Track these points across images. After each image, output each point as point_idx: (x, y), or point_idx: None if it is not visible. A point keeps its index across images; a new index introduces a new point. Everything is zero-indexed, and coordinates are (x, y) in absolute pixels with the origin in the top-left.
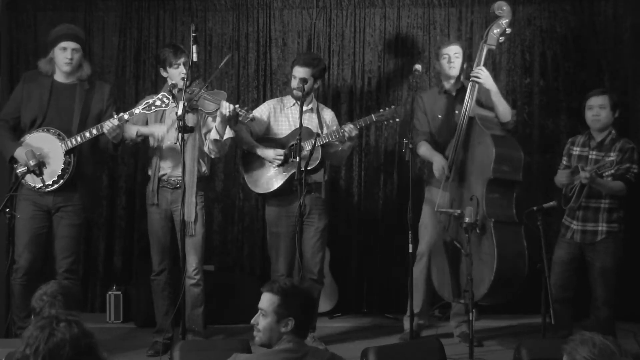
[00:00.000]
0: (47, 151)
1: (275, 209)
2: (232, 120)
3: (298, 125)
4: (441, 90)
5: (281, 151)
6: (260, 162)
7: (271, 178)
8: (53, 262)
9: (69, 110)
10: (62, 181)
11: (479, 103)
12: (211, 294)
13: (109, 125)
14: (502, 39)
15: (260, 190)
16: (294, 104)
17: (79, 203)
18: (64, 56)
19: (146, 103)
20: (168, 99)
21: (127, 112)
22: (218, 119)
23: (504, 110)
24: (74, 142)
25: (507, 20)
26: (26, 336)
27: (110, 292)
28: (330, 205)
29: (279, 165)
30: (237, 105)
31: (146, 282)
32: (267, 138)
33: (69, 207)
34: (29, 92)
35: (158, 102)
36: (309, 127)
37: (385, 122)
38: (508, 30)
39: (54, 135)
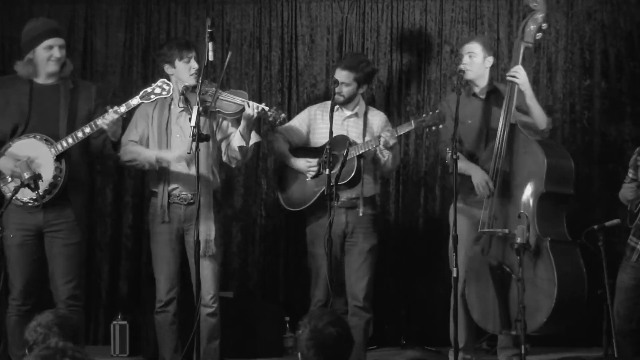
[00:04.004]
0: (34, 159)
1: (312, 228)
2: (257, 123)
3: (339, 134)
4: (469, 93)
5: (314, 161)
6: (294, 176)
7: (305, 193)
8: (51, 288)
9: (54, 113)
10: (55, 191)
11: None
12: (229, 323)
13: (106, 120)
14: (539, 35)
15: (294, 208)
16: (337, 109)
17: (72, 219)
18: (50, 55)
19: (144, 92)
20: (168, 85)
21: (124, 104)
22: (243, 122)
23: (539, 115)
24: (65, 145)
25: (542, 14)
26: None
27: (115, 322)
28: (380, 223)
29: (313, 177)
30: (263, 104)
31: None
32: (304, 148)
33: (62, 225)
34: (6, 99)
35: (157, 90)
36: (345, 134)
37: (427, 129)
38: (544, 26)
39: (41, 141)
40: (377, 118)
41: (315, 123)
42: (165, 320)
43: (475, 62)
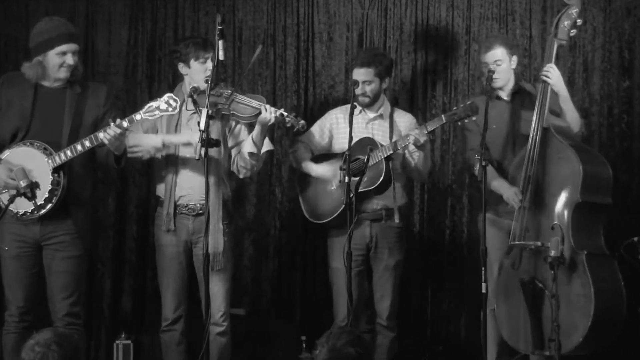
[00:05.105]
0: (30, 169)
1: (333, 240)
2: (271, 130)
3: (364, 136)
4: (492, 96)
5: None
6: (317, 186)
7: (331, 204)
8: (49, 305)
9: (58, 119)
10: (50, 205)
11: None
12: (241, 343)
13: (108, 135)
14: (573, 32)
15: (319, 220)
16: (360, 112)
17: (73, 231)
18: (63, 62)
19: (148, 107)
20: (175, 101)
21: (127, 119)
22: (257, 126)
23: (573, 118)
24: (63, 157)
25: (577, 9)
26: None
27: (118, 341)
28: (406, 237)
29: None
30: (282, 110)
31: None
32: (327, 154)
33: (62, 237)
34: (8, 99)
35: (163, 106)
36: (371, 136)
37: (460, 123)
38: (579, 22)
39: (39, 150)
40: (404, 119)
41: (338, 127)
42: (172, 339)
43: (503, 68)
